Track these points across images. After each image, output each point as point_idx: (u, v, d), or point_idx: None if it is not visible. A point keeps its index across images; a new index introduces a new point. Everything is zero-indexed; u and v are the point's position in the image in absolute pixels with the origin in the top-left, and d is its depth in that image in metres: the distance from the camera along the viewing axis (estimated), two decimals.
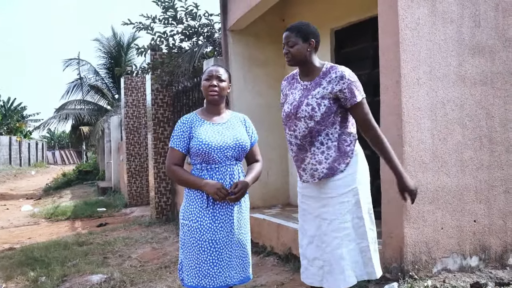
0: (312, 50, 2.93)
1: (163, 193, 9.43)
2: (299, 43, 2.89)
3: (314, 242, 2.92)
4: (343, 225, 2.82)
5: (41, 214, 11.98)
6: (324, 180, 2.88)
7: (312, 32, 2.93)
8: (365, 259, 2.84)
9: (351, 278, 2.80)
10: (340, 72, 2.82)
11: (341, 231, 2.81)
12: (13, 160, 33.93)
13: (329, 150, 2.85)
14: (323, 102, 2.81)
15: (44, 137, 53.65)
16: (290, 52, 2.92)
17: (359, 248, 2.83)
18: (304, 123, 2.86)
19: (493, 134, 4.08)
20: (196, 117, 3.06)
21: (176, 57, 8.67)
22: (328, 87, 2.82)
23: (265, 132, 6.95)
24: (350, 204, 2.83)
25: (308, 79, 2.95)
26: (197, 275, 2.93)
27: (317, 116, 2.82)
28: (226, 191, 2.90)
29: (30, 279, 5.56)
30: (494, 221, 4.07)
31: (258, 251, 5.67)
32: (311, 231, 2.94)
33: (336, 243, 2.81)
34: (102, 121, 20.17)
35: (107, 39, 23.24)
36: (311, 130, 2.85)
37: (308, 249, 2.96)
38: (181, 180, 3.03)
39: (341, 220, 2.82)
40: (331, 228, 2.83)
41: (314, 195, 2.93)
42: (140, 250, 6.80)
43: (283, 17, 7.22)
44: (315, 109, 2.82)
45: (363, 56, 5.62)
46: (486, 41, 4.08)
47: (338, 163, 2.84)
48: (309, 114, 2.83)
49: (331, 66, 2.90)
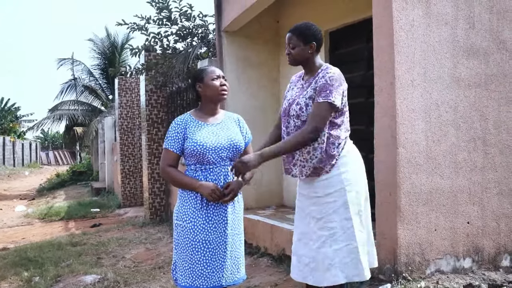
0: (313, 52, 3.00)
1: (157, 194, 9.41)
2: (300, 46, 2.98)
3: (302, 239, 2.98)
4: (329, 225, 2.86)
5: (34, 215, 11.95)
6: (312, 178, 2.94)
7: (313, 35, 2.99)
8: (354, 260, 2.85)
9: (337, 277, 2.84)
10: (325, 72, 2.90)
11: (326, 231, 2.86)
12: (6, 161, 33.78)
13: (315, 151, 2.91)
14: (310, 103, 2.89)
15: (38, 137, 53.46)
16: (291, 53, 3.01)
17: (347, 249, 2.85)
18: (293, 121, 2.96)
19: (487, 136, 4.09)
20: (191, 118, 3.04)
21: (170, 58, 8.66)
22: (314, 86, 2.90)
23: (259, 133, 6.87)
24: (337, 205, 2.87)
25: (307, 78, 3.04)
26: (190, 275, 2.93)
27: (303, 116, 2.91)
28: (220, 193, 2.91)
29: (24, 279, 5.55)
30: (487, 223, 4.08)
31: (252, 252, 5.66)
32: (300, 228, 3.02)
33: (321, 242, 2.87)
34: (96, 122, 20.12)
35: (101, 40, 23.16)
36: (298, 129, 2.93)
37: (297, 246, 3.03)
38: (175, 182, 3.03)
39: (327, 219, 2.87)
40: (318, 226, 2.90)
41: (306, 193, 3.01)
42: (134, 251, 6.79)
43: (278, 19, 7.22)
44: (303, 108, 2.91)
45: (357, 58, 5.63)
46: (481, 43, 4.09)
47: (324, 165, 2.89)
48: (297, 114, 2.93)
49: (326, 67, 2.96)
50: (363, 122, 5.21)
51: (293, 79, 3.24)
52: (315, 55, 3.02)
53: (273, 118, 7.20)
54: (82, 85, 23.64)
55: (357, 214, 2.90)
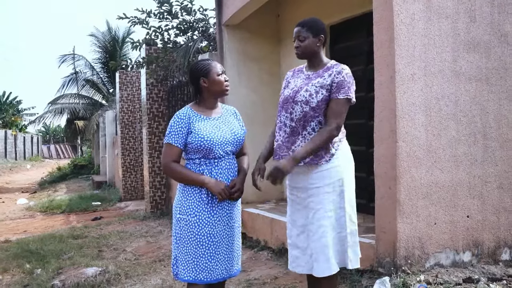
0: (320, 45, 3.11)
1: (158, 187, 9.44)
2: (310, 38, 3.08)
3: (305, 231, 3.03)
4: (327, 214, 2.95)
5: (36, 208, 12.00)
6: (308, 170, 2.99)
7: (321, 28, 3.11)
8: (343, 247, 2.98)
9: (334, 266, 2.95)
10: (340, 68, 3.00)
11: (326, 220, 2.94)
12: (8, 154, 33.83)
13: None
14: (321, 91, 2.97)
15: (39, 131, 53.49)
16: (301, 46, 3.10)
17: (339, 237, 2.98)
18: (300, 107, 3.01)
19: (487, 130, 4.09)
20: (192, 112, 3.02)
21: (171, 51, 8.67)
22: (328, 80, 2.98)
23: (259, 127, 6.93)
24: (334, 194, 2.96)
25: (312, 70, 3.12)
26: (194, 269, 2.94)
27: (312, 102, 2.97)
28: (228, 191, 2.96)
29: (25, 271, 5.60)
30: (487, 216, 4.08)
31: (252, 245, 5.68)
32: (300, 221, 3.06)
33: (322, 231, 2.94)
34: (97, 116, 20.14)
35: (102, 33, 23.05)
36: (305, 115, 2.99)
37: (299, 239, 3.07)
38: (181, 178, 3.00)
39: (326, 209, 2.95)
40: (317, 217, 2.95)
41: (302, 186, 3.04)
42: (134, 244, 6.82)
43: (278, 13, 7.21)
44: (313, 95, 2.98)
45: (358, 52, 5.62)
46: (482, 36, 4.08)
47: (325, 152, 2.96)
48: (306, 99, 2.99)
49: (336, 63, 3.08)
50: (363, 116, 5.21)
51: (289, 73, 3.31)
52: (321, 48, 3.12)
53: (273, 113, 7.12)
54: (83, 79, 23.57)
55: (349, 204, 3.00)
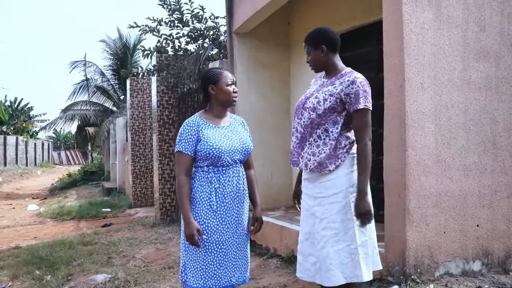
0: (327, 54, 3.06)
1: (168, 194, 9.46)
2: (312, 51, 3.09)
3: (309, 239, 3.02)
4: (332, 225, 2.89)
5: (46, 214, 12.07)
6: (316, 178, 2.98)
7: (321, 38, 3.06)
8: (354, 261, 2.87)
9: (336, 278, 2.85)
10: (353, 77, 2.92)
11: (329, 231, 2.89)
12: (19, 160, 34.08)
13: (325, 146, 2.94)
14: (330, 99, 2.92)
15: (50, 137, 53.85)
16: (309, 60, 3.13)
17: (348, 250, 2.87)
18: (308, 113, 2.99)
19: (497, 139, 4.08)
20: (202, 120, 3.04)
21: (182, 59, 8.72)
22: (338, 88, 2.92)
23: (269, 134, 6.97)
24: (340, 205, 2.89)
25: (328, 77, 3.10)
26: (203, 276, 2.95)
27: (319, 110, 2.94)
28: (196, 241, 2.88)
29: (35, 277, 5.61)
30: (497, 226, 4.07)
31: (261, 253, 5.68)
32: (306, 228, 3.05)
33: (324, 242, 2.90)
34: (108, 122, 20.25)
35: (113, 41, 23.23)
36: (312, 121, 2.97)
37: (303, 245, 3.06)
38: (178, 196, 2.98)
39: (330, 220, 2.89)
40: (321, 227, 2.92)
41: (310, 193, 3.03)
42: (144, 251, 6.83)
43: (289, 20, 7.24)
44: (320, 102, 2.94)
45: (367, 60, 5.63)
46: (491, 45, 4.08)
47: (329, 162, 2.92)
48: (314, 106, 2.96)
49: (350, 71, 3.01)
50: (372, 124, 5.14)
51: (312, 81, 3.30)
52: (331, 56, 3.06)
53: (282, 119, 7.22)
54: (94, 86, 23.76)
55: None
